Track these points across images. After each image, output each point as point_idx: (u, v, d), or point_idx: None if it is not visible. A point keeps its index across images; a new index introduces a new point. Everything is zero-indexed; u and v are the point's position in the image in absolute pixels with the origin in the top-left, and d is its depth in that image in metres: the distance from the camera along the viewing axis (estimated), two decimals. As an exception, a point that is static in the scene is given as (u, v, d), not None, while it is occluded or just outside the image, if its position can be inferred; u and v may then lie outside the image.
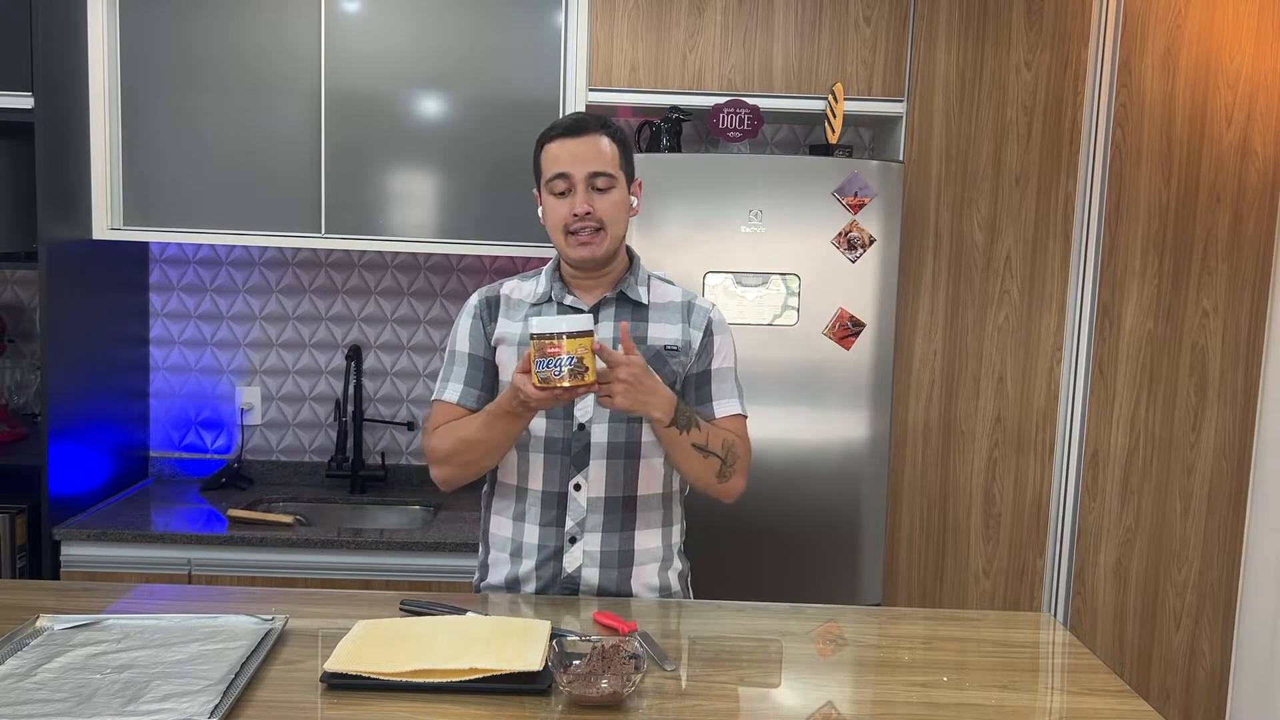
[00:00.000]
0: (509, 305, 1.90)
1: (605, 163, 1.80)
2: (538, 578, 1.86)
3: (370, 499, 2.96)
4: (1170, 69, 2.74)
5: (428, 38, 2.71)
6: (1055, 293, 2.79)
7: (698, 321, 1.90)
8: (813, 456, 2.63)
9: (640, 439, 1.84)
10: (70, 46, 2.62)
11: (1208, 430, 2.84)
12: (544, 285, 1.89)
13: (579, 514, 1.84)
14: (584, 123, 1.82)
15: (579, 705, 1.39)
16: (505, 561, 1.89)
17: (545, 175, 1.82)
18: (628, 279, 1.88)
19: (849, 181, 2.57)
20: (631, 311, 1.87)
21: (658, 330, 1.87)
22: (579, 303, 1.86)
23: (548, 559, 1.85)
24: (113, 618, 1.61)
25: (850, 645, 1.72)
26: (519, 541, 1.87)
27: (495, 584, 1.91)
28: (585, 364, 1.58)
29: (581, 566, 1.84)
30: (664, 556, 1.91)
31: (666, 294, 1.92)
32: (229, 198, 2.73)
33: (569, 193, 1.79)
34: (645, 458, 1.85)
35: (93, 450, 2.75)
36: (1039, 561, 2.86)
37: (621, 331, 1.71)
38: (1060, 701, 1.54)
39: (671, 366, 1.85)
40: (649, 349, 1.84)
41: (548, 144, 1.83)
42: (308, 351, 3.13)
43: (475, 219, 2.75)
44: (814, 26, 2.71)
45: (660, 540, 1.90)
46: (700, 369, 1.89)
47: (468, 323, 1.90)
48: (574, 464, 1.83)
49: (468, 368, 1.89)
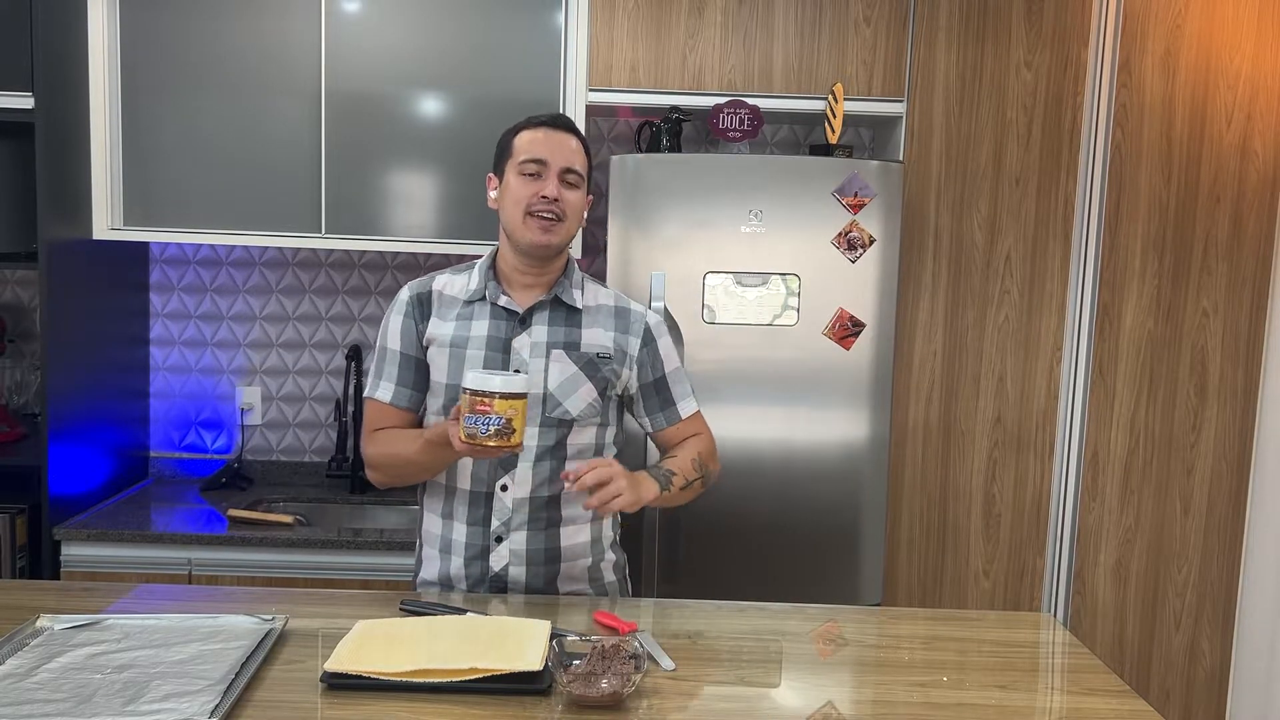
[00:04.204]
0: (441, 303, 1.90)
1: (579, 163, 1.85)
2: (467, 576, 1.88)
3: (370, 499, 2.96)
4: (1170, 69, 2.74)
5: (428, 38, 2.71)
6: (1055, 293, 2.79)
7: (635, 329, 1.92)
8: (813, 456, 2.63)
9: (568, 442, 1.86)
10: (70, 46, 2.62)
11: (1208, 430, 2.84)
12: (477, 282, 1.89)
13: (504, 514, 1.85)
14: (565, 122, 1.88)
15: (579, 705, 1.39)
16: (436, 558, 1.91)
17: (518, 157, 1.83)
18: (563, 282, 1.89)
19: (849, 181, 2.57)
20: (565, 316, 1.88)
21: (591, 336, 1.88)
22: (512, 303, 1.87)
23: (475, 557, 1.87)
24: (113, 618, 1.61)
25: (850, 645, 1.72)
26: (448, 539, 1.89)
27: (429, 579, 1.92)
28: (514, 425, 1.59)
29: (508, 565, 1.86)
30: (594, 552, 1.93)
31: (600, 297, 1.93)
32: (229, 198, 2.73)
33: (539, 177, 1.81)
34: (572, 459, 1.86)
35: (93, 450, 2.75)
36: (1039, 561, 2.86)
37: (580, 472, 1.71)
38: (1060, 701, 1.54)
39: (603, 373, 1.87)
40: (581, 355, 1.86)
41: (526, 130, 1.86)
42: (308, 351, 3.13)
43: (475, 219, 2.75)
44: (814, 26, 2.71)
45: (589, 535, 1.91)
46: (654, 377, 1.93)
47: (398, 320, 1.91)
48: (501, 465, 1.84)
49: (399, 366, 1.90)
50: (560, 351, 1.85)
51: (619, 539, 2.02)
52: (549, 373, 1.84)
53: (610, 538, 1.98)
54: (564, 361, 1.85)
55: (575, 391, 1.84)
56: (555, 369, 1.84)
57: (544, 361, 1.84)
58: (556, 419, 1.84)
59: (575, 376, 1.85)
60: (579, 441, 1.87)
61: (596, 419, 1.88)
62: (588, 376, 1.85)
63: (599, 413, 1.88)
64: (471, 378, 1.60)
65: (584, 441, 1.87)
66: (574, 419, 1.85)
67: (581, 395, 1.85)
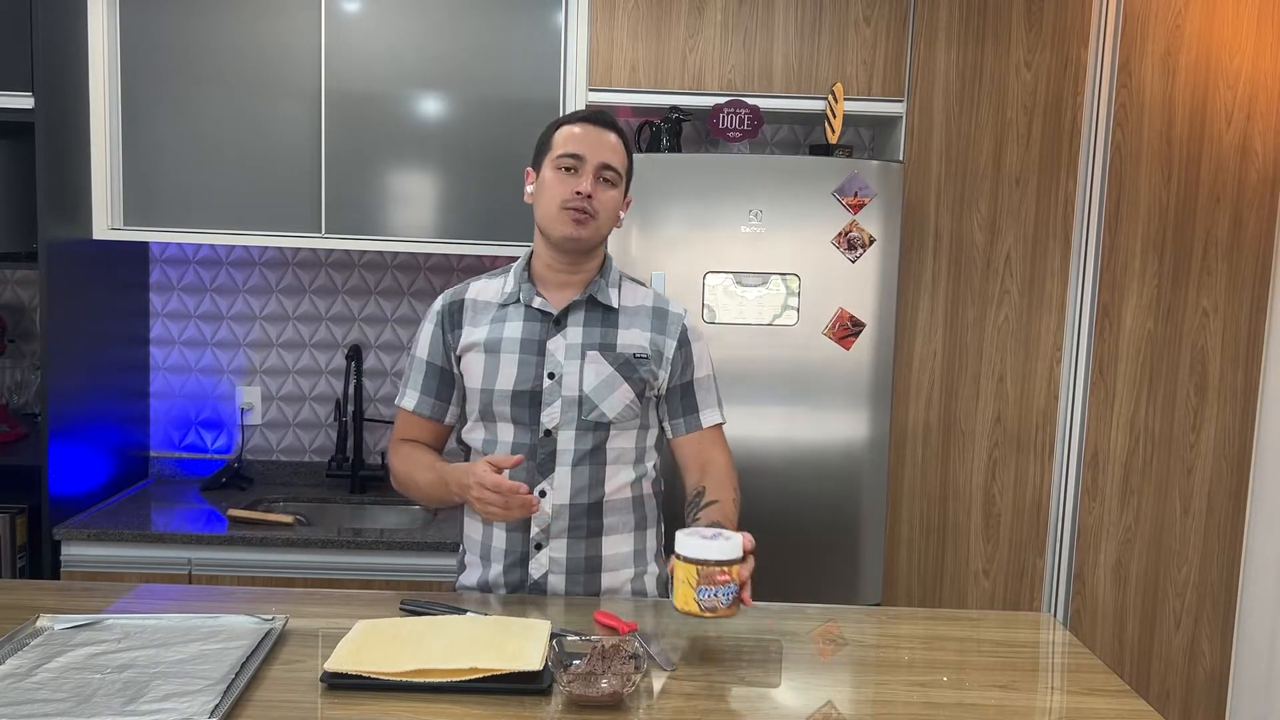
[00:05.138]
0: (475, 310, 1.89)
1: (617, 160, 1.82)
2: (506, 584, 1.86)
3: (370, 499, 2.96)
4: (1170, 69, 2.74)
5: (428, 38, 2.71)
6: (1055, 293, 2.79)
7: (671, 330, 1.88)
8: (813, 456, 2.63)
9: (606, 446, 1.83)
10: (70, 46, 2.62)
11: (1208, 430, 2.84)
12: (512, 285, 1.87)
13: (544, 520, 1.83)
14: (607, 119, 1.85)
15: (579, 705, 1.38)
16: (477, 564, 1.90)
17: (556, 151, 1.80)
18: (598, 281, 1.86)
19: (849, 181, 2.57)
20: (601, 316, 1.85)
21: (627, 337, 1.85)
22: (547, 305, 1.84)
23: (514, 564, 1.85)
24: (113, 618, 1.61)
25: (850, 645, 1.72)
26: (488, 545, 1.87)
27: (468, 585, 1.91)
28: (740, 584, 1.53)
29: (548, 573, 1.84)
30: (637, 564, 1.89)
31: (637, 297, 1.90)
32: (229, 198, 2.73)
33: (575, 172, 1.79)
34: (612, 463, 1.84)
35: (93, 450, 2.75)
36: (1039, 561, 2.86)
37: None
38: (1060, 701, 1.54)
39: (640, 374, 1.84)
40: (617, 356, 1.83)
41: (566, 126, 1.83)
42: (308, 351, 3.13)
43: (475, 219, 2.75)
44: (814, 26, 2.71)
45: (631, 545, 1.88)
46: (682, 381, 1.89)
47: (429, 329, 1.91)
48: (540, 471, 1.82)
49: (425, 375, 1.90)
50: (596, 353, 1.82)
51: (663, 550, 1.97)
52: (584, 375, 1.81)
53: (654, 549, 1.94)
54: (600, 363, 1.82)
55: (612, 393, 1.81)
56: (591, 371, 1.81)
57: (579, 363, 1.82)
58: (593, 422, 1.81)
59: (611, 378, 1.82)
60: (618, 445, 1.84)
61: (635, 421, 1.85)
62: (624, 378, 1.82)
63: (637, 414, 1.85)
64: (696, 546, 1.51)
65: (624, 445, 1.85)
66: (610, 421, 1.82)
67: (618, 397, 1.82)
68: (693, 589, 1.50)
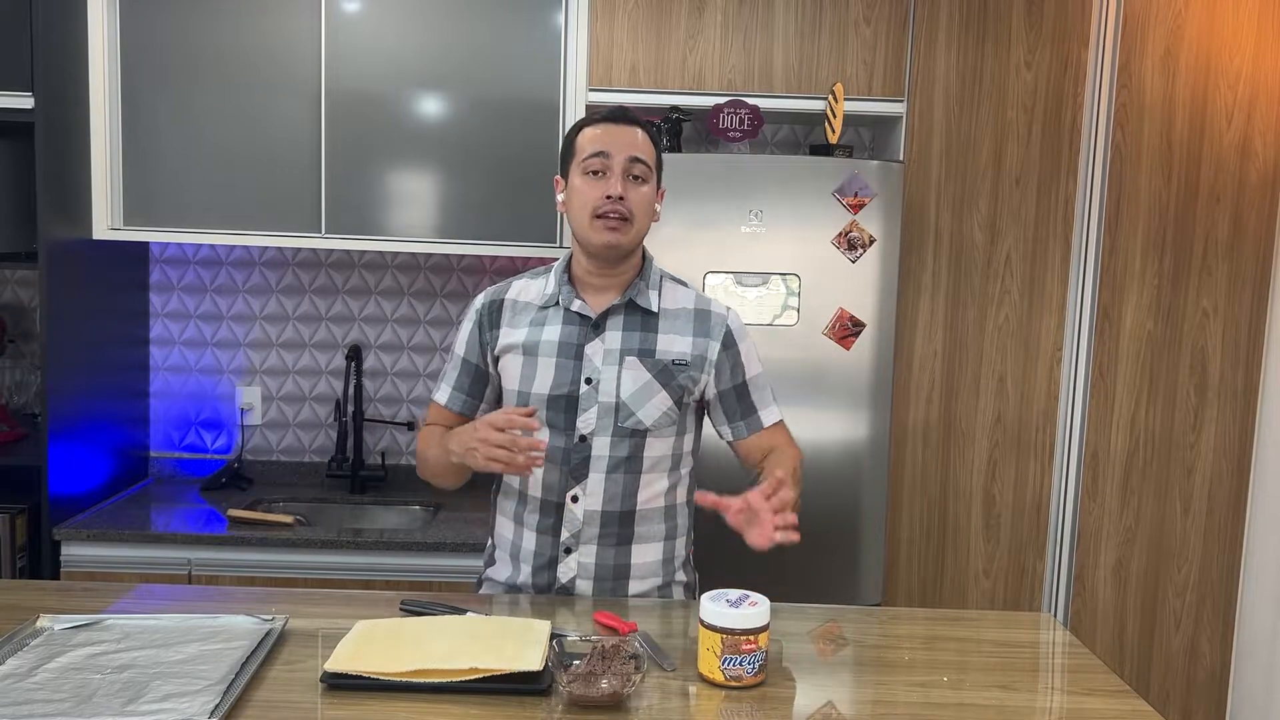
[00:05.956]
0: (515, 310, 1.86)
1: (645, 152, 1.78)
2: (534, 585, 1.85)
3: (370, 499, 2.96)
4: (1170, 69, 2.74)
5: (428, 37, 2.71)
6: (1055, 293, 2.79)
7: (715, 332, 1.84)
8: (813, 456, 2.62)
9: (642, 454, 1.81)
10: (70, 46, 2.62)
11: (1208, 430, 2.84)
12: (553, 286, 1.85)
13: (574, 525, 1.81)
14: (628, 114, 1.81)
15: (579, 705, 1.38)
16: (507, 562, 1.89)
17: (582, 154, 1.77)
18: (638, 284, 1.83)
19: (849, 181, 2.57)
20: (641, 320, 1.82)
21: (667, 342, 1.82)
22: (586, 308, 1.81)
23: (543, 567, 1.84)
24: (113, 618, 1.60)
25: (850, 645, 1.72)
26: (518, 545, 1.87)
27: (496, 579, 1.91)
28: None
29: (575, 578, 1.83)
30: (665, 572, 1.88)
31: (678, 299, 1.86)
32: (229, 198, 2.73)
33: (603, 174, 1.75)
34: (647, 472, 1.82)
35: (93, 450, 2.75)
36: (1039, 562, 2.86)
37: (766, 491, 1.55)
38: (1060, 701, 1.54)
39: (679, 380, 1.81)
40: (656, 362, 1.80)
41: (587, 128, 1.80)
42: (308, 351, 3.13)
43: (475, 219, 2.75)
44: (814, 27, 2.71)
45: (660, 554, 1.87)
46: (735, 382, 1.86)
47: (468, 327, 1.90)
48: (573, 476, 1.80)
49: (459, 371, 1.90)
50: (634, 359, 1.79)
51: (691, 558, 1.96)
52: (621, 381, 1.78)
53: (682, 557, 1.92)
54: (638, 369, 1.79)
55: (649, 401, 1.79)
56: (628, 377, 1.79)
57: (616, 369, 1.79)
58: (629, 429, 1.79)
59: (649, 385, 1.79)
60: (655, 453, 1.81)
61: (672, 428, 1.82)
62: (662, 385, 1.79)
63: (674, 422, 1.82)
64: (721, 614, 1.46)
65: (660, 452, 1.82)
66: (647, 429, 1.79)
67: (655, 405, 1.79)
68: (717, 657, 1.47)
